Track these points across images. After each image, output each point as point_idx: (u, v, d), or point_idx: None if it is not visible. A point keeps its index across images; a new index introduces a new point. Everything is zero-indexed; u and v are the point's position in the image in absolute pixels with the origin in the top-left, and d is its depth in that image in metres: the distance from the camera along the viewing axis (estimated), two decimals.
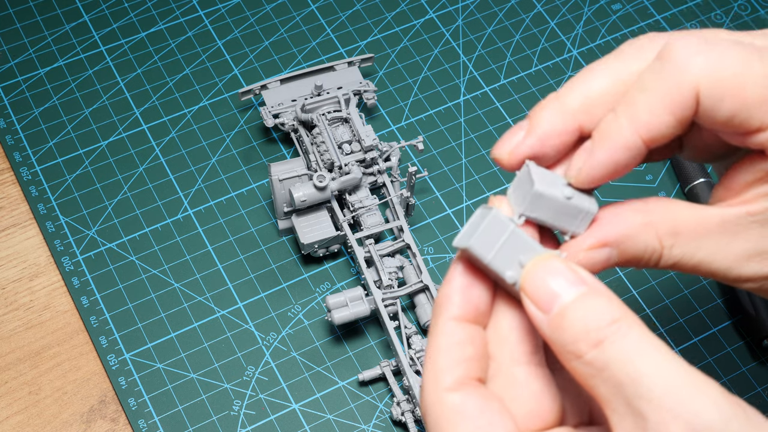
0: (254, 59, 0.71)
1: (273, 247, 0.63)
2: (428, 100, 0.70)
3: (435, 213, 0.65)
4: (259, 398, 0.58)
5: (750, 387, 0.59)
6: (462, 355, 0.36)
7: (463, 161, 0.67)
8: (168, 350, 0.59)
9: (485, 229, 0.35)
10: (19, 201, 0.64)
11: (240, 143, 0.67)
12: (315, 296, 0.62)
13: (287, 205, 0.62)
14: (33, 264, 0.62)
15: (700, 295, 0.63)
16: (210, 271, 0.62)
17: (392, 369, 0.58)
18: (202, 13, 0.73)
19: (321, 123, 0.63)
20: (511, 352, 0.37)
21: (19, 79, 0.69)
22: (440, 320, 0.37)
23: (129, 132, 0.67)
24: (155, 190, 0.65)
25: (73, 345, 0.59)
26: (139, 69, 0.70)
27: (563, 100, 0.38)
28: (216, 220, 0.64)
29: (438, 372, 0.36)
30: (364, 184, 0.63)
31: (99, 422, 0.57)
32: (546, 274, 0.35)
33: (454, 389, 0.36)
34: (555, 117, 0.38)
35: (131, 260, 0.62)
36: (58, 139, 0.66)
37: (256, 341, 0.60)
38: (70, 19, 0.72)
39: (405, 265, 0.61)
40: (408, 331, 0.58)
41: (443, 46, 0.72)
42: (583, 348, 0.33)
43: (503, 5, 0.75)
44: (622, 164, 0.37)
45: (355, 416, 0.58)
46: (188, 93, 0.69)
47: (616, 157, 0.37)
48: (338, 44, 0.72)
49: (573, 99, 0.38)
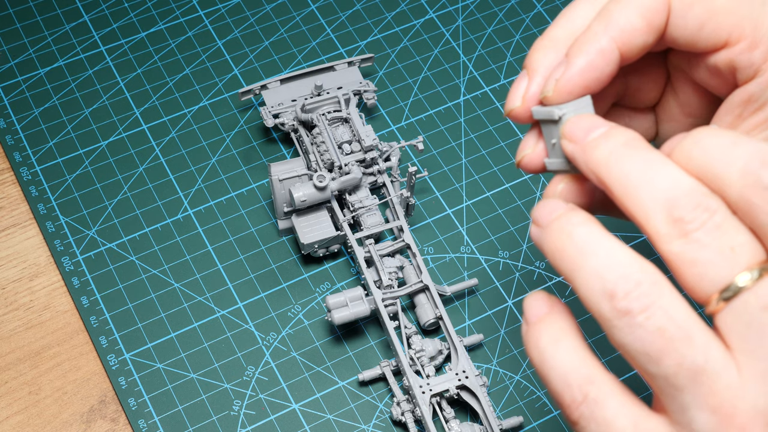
0: (254, 59, 0.71)
1: (273, 247, 0.63)
2: (428, 100, 0.70)
3: (435, 213, 0.65)
4: (259, 398, 0.58)
5: None
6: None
7: (463, 161, 0.67)
8: (168, 350, 0.59)
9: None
10: (19, 201, 0.64)
11: (240, 143, 0.67)
12: (315, 296, 0.62)
13: (287, 205, 0.62)
14: (33, 264, 0.62)
15: None
16: (210, 271, 0.62)
17: (392, 369, 0.58)
18: (202, 13, 0.73)
19: (321, 123, 0.63)
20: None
21: (19, 79, 0.69)
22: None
23: (129, 132, 0.67)
24: (155, 190, 0.65)
25: (73, 345, 0.59)
26: (139, 69, 0.70)
27: (550, 35, 0.40)
28: (216, 220, 0.64)
29: None
30: (364, 184, 0.63)
31: (99, 422, 0.57)
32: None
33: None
34: (547, 53, 0.39)
35: (131, 260, 0.62)
36: (58, 139, 0.66)
37: (256, 341, 0.60)
38: (70, 19, 0.72)
39: (405, 265, 0.61)
40: (408, 331, 0.58)
41: (443, 46, 0.72)
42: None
43: (503, 5, 0.75)
44: (599, 70, 0.38)
45: (355, 416, 0.58)
46: (188, 93, 0.69)
47: (592, 62, 0.38)
48: (338, 44, 0.72)
49: (559, 32, 0.40)
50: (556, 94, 0.38)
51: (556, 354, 0.35)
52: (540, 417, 0.58)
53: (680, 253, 0.32)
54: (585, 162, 0.35)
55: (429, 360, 0.58)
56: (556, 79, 0.38)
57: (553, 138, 0.38)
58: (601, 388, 0.34)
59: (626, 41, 0.38)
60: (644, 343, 0.32)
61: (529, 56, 0.40)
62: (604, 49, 0.38)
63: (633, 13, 0.38)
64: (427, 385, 0.56)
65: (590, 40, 0.38)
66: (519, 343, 0.60)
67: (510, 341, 0.60)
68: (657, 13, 0.38)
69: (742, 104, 0.39)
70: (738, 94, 0.39)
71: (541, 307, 0.37)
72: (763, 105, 0.38)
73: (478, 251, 0.64)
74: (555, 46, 0.39)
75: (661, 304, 0.32)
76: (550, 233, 0.35)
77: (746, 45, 0.38)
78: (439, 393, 0.56)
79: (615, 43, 0.38)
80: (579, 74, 0.38)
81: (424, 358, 0.57)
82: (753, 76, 0.38)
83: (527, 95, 0.39)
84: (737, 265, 0.32)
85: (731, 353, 0.32)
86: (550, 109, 0.38)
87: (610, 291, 0.33)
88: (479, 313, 0.61)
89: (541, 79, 0.39)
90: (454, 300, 0.62)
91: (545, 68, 0.39)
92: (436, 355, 0.58)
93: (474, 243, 0.64)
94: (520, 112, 0.39)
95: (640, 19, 0.38)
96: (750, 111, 0.39)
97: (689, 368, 0.32)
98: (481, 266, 0.63)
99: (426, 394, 0.55)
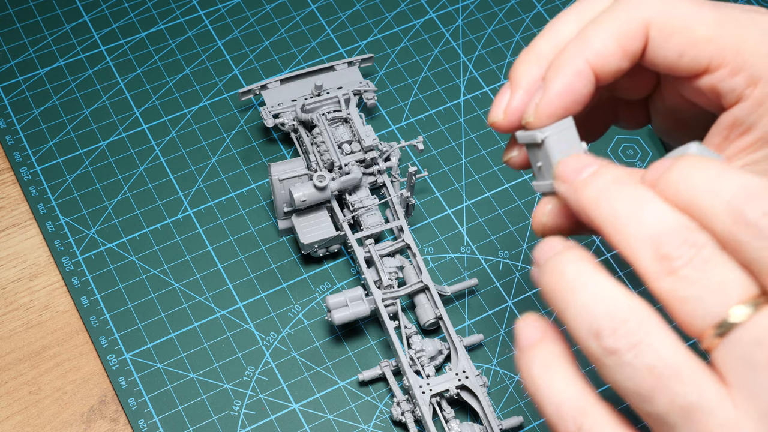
0: (254, 59, 0.71)
1: (273, 247, 0.63)
2: (428, 100, 0.70)
3: (435, 213, 0.65)
4: (259, 398, 0.58)
5: None
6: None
7: (463, 161, 0.67)
8: (168, 350, 0.59)
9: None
10: (19, 201, 0.64)
11: (240, 143, 0.67)
12: (315, 296, 0.62)
13: (287, 205, 0.62)
14: (33, 264, 0.62)
15: None
16: (210, 271, 0.62)
17: (392, 369, 0.58)
18: (202, 13, 0.73)
19: (321, 123, 0.63)
20: None
21: (19, 79, 0.69)
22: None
23: (129, 132, 0.67)
24: (155, 190, 0.65)
25: (73, 345, 0.59)
26: (139, 69, 0.70)
27: (535, 49, 0.40)
28: (216, 220, 0.64)
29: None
30: (364, 184, 0.63)
31: (99, 422, 0.57)
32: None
33: None
34: (531, 66, 0.40)
35: (131, 260, 0.62)
36: (58, 139, 0.66)
37: (256, 341, 0.60)
38: (70, 19, 0.72)
39: (405, 265, 0.61)
40: (408, 331, 0.58)
41: (443, 46, 0.72)
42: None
43: (503, 5, 0.75)
44: (576, 92, 0.38)
45: (355, 416, 0.58)
46: (188, 93, 0.69)
47: (568, 84, 0.38)
48: (338, 44, 0.72)
49: (543, 45, 0.40)
50: (537, 119, 0.38)
51: (549, 383, 0.34)
52: (540, 417, 0.58)
53: (670, 291, 0.32)
54: (576, 202, 0.35)
55: (429, 360, 0.58)
56: (536, 104, 0.38)
57: (538, 161, 0.39)
58: (596, 420, 0.33)
59: (601, 64, 0.38)
60: (634, 382, 0.31)
61: (513, 69, 0.40)
62: (579, 71, 0.38)
63: (608, 38, 0.38)
64: (427, 385, 0.56)
65: (566, 63, 0.38)
66: None
67: (510, 341, 0.60)
68: (633, 40, 0.38)
69: (729, 127, 0.39)
70: (725, 118, 0.39)
71: (533, 333, 0.36)
72: (749, 129, 0.38)
73: (478, 251, 0.64)
74: (538, 59, 0.40)
75: (650, 341, 0.31)
76: (545, 271, 0.34)
77: (727, 72, 0.38)
78: (439, 393, 0.56)
79: (590, 65, 0.38)
80: (557, 97, 0.38)
81: (424, 358, 0.57)
82: (737, 101, 0.38)
83: (509, 108, 0.40)
84: (728, 301, 0.31)
85: (728, 390, 0.31)
86: (533, 133, 0.39)
87: (597, 329, 0.32)
88: (479, 313, 0.61)
89: (523, 92, 0.40)
90: (454, 300, 0.62)
91: (527, 82, 0.40)
92: (436, 355, 0.58)
93: (474, 243, 0.64)
94: (502, 125, 0.40)
95: (615, 44, 0.38)
96: (737, 134, 0.39)
97: (682, 406, 0.31)
98: (481, 266, 0.63)
99: (426, 394, 0.55)
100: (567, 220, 0.38)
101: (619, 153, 0.68)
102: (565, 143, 0.38)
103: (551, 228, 0.39)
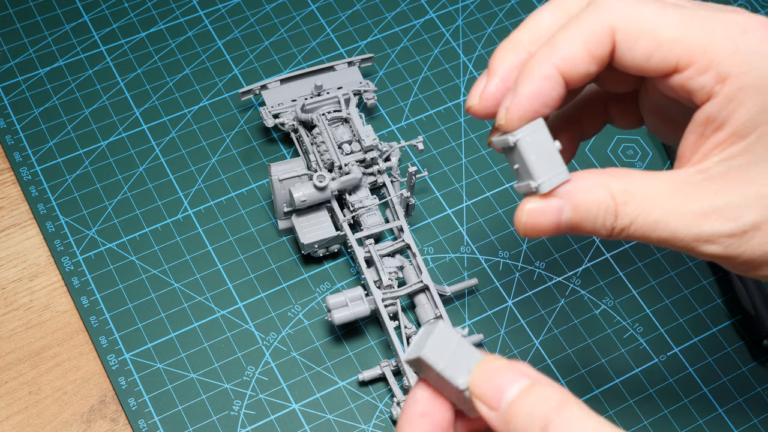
0: (254, 59, 0.71)
1: (273, 247, 0.63)
2: (428, 100, 0.70)
3: (435, 213, 0.65)
4: (259, 398, 0.58)
5: (750, 387, 0.59)
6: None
7: (463, 161, 0.67)
8: (168, 350, 0.59)
9: (435, 341, 0.37)
10: (19, 201, 0.64)
11: (240, 143, 0.67)
12: (315, 296, 0.62)
13: (287, 205, 0.62)
14: (33, 264, 0.62)
15: (700, 295, 0.63)
16: (210, 271, 0.62)
17: (392, 369, 0.58)
18: (202, 13, 0.73)
19: (321, 123, 0.63)
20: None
21: (19, 79, 0.69)
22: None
23: (129, 132, 0.67)
24: (155, 190, 0.65)
25: (73, 345, 0.59)
26: (139, 69, 0.70)
27: (513, 38, 0.41)
28: (216, 220, 0.64)
29: None
30: (364, 184, 0.63)
31: (99, 422, 0.57)
32: (491, 374, 0.36)
33: None
34: (509, 54, 0.41)
35: (131, 260, 0.62)
36: (58, 139, 0.66)
37: (256, 341, 0.60)
38: (70, 19, 0.72)
39: (405, 265, 0.61)
40: (408, 331, 0.58)
41: (443, 46, 0.72)
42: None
43: (503, 5, 0.75)
44: (545, 95, 0.39)
45: (355, 416, 0.58)
46: (188, 93, 0.69)
47: (537, 87, 0.39)
48: (338, 44, 0.72)
49: (522, 35, 0.41)
50: (508, 122, 0.39)
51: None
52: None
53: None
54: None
55: None
56: (506, 108, 0.39)
57: (515, 164, 0.40)
58: None
59: (569, 69, 0.39)
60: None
61: (491, 56, 0.42)
62: (548, 75, 0.39)
63: (576, 43, 0.39)
64: None
65: (535, 67, 0.39)
66: (519, 343, 0.60)
67: (510, 341, 0.60)
68: (600, 45, 0.39)
69: (703, 124, 0.40)
70: (698, 115, 0.40)
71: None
72: (722, 125, 0.39)
73: (478, 251, 0.64)
74: (516, 48, 0.41)
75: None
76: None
77: (695, 70, 0.39)
78: None
79: (558, 70, 0.39)
80: (526, 100, 0.39)
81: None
82: (707, 98, 0.39)
83: (484, 94, 0.41)
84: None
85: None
86: (505, 137, 0.40)
87: None
88: (479, 313, 0.61)
89: (499, 79, 0.41)
90: (454, 300, 0.62)
91: (504, 69, 0.41)
92: None
93: (474, 243, 0.64)
94: (477, 110, 0.41)
95: (582, 49, 0.39)
96: (710, 130, 0.39)
97: None
98: (481, 266, 0.63)
99: None
100: (548, 220, 0.39)
101: (619, 153, 0.68)
102: (538, 143, 0.39)
103: (532, 227, 0.40)
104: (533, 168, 0.39)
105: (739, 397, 0.59)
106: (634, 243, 0.64)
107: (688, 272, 0.63)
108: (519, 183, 0.40)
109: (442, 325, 0.37)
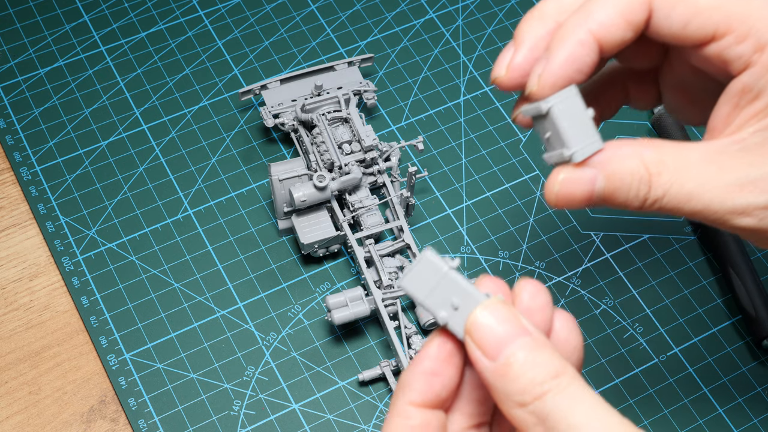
0: (254, 59, 0.71)
1: (273, 247, 0.63)
2: (428, 100, 0.70)
3: (435, 213, 0.65)
4: (259, 398, 0.58)
5: (750, 387, 0.59)
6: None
7: (463, 161, 0.67)
8: (168, 350, 0.59)
9: (419, 271, 0.35)
10: (19, 201, 0.64)
11: (240, 143, 0.67)
12: (315, 296, 0.62)
13: (287, 205, 0.62)
14: (33, 264, 0.62)
15: (700, 295, 0.63)
16: (210, 271, 0.62)
17: (392, 369, 0.58)
18: (202, 13, 0.73)
19: (321, 123, 0.63)
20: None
21: (19, 79, 0.69)
22: (399, 402, 0.36)
23: (129, 132, 0.67)
24: (155, 190, 0.65)
25: (73, 345, 0.59)
26: (139, 69, 0.70)
27: (540, 8, 0.40)
28: (216, 220, 0.64)
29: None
30: (364, 184, 0.63)
31: (99, 422, 0.57)
32: (494, 321, 0.34)
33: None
34: (535, 25, 0.40)
35: (131, 260, 0.62)
36: (58, 139, 0.66)
37: (256, 341, 0.60)
38: (70, 19, 0.72)
39: (405, 265, 0.60)
40: (408, 331, 0.58)
41: (443, 46, 0.72)
42: (528, 399, 0.33)
43: (503, 5, 0.75)
44: (579, 61, 0.38)
45: (355, 416, 0.58)
46: (188, 93, 0.69)
47: (572, 53, 0.38)
48: (338, 44, 0.72)
49: (549, 5, 0.40)
50: (540, 89, 0.38)
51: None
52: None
53: None
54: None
55: None
56: (538, 75, 0.38)
57: (546, 132, 0.39)
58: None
59: (604, 35, 0.38)
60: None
61: (517, 27, 0.40)
62: (583, 41, 0.38)
63: (612, 9, 0.38)
64: None
65: (569, 33, 0.38)
66: None
67: None
68: (636, 11, 0.38)
69: (738, 94, 0.39)
70: (734, 85, 0.39)
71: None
72: (759, 95, 0.38)
73: (478, 251, 0.64)
74: (542, 18, 0.40)
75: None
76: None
77: (734, 38, 0.38)
78: None
79: (593, 35, 0.38)
80: (560, 67, 0.38)
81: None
82: (744, 68, 0.38)
83: (512, 65, 0.40)
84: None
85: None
86: (537, 104, 0.38)
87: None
88: None
89: (527, 49, 0.39)
90: None
91: (531, 39, 0.40)
92: None
93: (474, 243, 0.64)
94: (503, 81, 0.40)
95: (618, 15, 0.38)
96: (746, 101, 0.38)
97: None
98: (481, 266, 0.63)
99: None
100: (582, 190, 0.38)
101: None
102: (571, 111, 0.38)
103: (564, 197, 0.38)
104: (566, 136, 0.38)
105: (739, 397, 0.59)
106: (634, 243, 0.64)
107: (688, 272, 0.63)
108: (549, 152, 0.39)
109: (429, 254, 0.35)
